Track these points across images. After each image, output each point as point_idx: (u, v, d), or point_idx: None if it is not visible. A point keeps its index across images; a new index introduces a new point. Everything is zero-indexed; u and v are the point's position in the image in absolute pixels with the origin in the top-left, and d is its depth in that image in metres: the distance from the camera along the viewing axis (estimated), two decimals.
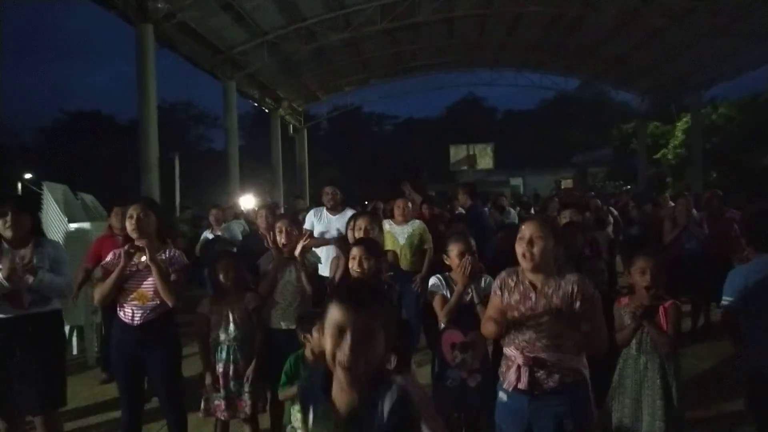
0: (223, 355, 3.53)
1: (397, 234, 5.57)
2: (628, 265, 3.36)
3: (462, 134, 32.64)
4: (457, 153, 23.72)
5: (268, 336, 3.64)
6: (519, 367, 2.50)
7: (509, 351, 2.59)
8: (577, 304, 2.46)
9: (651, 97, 23.58)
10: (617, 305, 3.25)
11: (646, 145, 25.27)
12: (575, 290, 2.47)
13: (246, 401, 3.50)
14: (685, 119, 24.04)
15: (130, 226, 3.29)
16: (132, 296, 3.27)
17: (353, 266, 3.31)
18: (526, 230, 2.51)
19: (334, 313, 1.46)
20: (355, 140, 44.03)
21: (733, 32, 14.94)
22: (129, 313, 3.27)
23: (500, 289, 2.65)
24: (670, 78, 20.48)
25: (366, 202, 10.59)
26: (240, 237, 7.23)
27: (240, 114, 17.73)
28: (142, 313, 3.27)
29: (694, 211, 6.79)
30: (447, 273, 3.44)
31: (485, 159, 23.83)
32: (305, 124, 23.80)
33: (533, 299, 2.52)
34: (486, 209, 8.56)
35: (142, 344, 3.29)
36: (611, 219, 7.89)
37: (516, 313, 2.55)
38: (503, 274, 2.69)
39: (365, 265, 3.28)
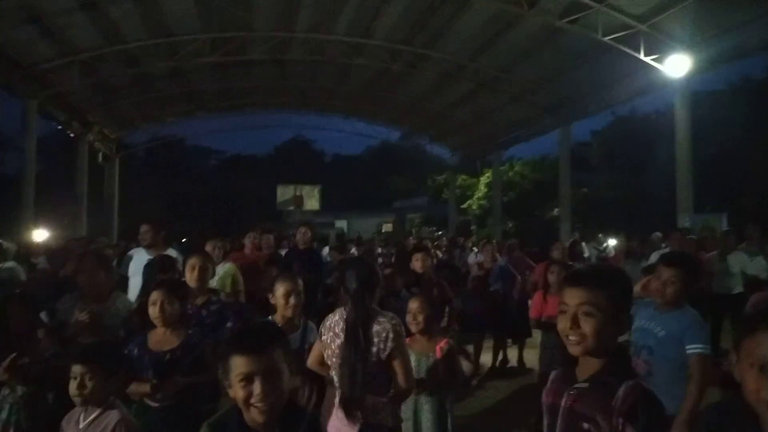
0: (4, 415, 2.97)
1: None
2: None
3: (290, 174, 32.69)
4: (284, 193, 23.61)
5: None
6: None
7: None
8: (389, 343, 2.55)
9: (460, 153, 26.25)
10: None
11: (456, 195, 27.83)
12: (389, 330, 2.57)
13: None
14: (487, 174, 26.96)
15: None
16: None
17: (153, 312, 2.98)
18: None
19: (238, 364, 1.51)
20: (176, 174, 41.43)
21: (528, 102, 17.52)
22: None
23: (326, 331, 2.63)
24: (476, 137, 23.08)
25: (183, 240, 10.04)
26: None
27: (39, 136, 15.61)
28: None
29: (498, 255, 7.64)
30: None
31: (312, 200, 24.08)
32: (118, 152, 21.85)
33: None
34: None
35: None
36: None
37: (335, 358, 2.55)
38: (336, 317, 2.67)
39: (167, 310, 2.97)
